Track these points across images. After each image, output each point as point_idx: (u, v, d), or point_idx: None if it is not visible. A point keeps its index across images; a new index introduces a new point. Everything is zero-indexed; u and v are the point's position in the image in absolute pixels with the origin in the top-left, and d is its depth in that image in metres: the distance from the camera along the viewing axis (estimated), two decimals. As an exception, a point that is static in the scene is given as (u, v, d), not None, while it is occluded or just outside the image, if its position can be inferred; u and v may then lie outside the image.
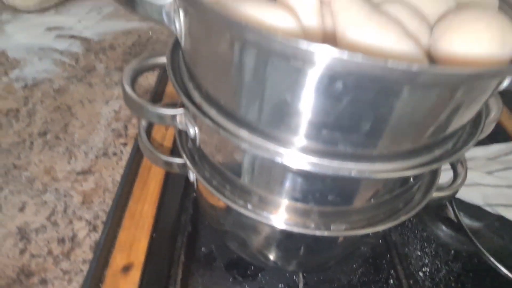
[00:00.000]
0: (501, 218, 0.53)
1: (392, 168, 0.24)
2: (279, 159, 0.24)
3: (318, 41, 0.23)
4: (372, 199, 0.30)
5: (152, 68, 0.37)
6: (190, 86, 0.28)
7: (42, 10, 0.85)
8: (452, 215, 0.56)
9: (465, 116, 0.24)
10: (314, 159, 0.23)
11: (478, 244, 0.49)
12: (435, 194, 0.35)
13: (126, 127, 0.59)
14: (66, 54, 0.74)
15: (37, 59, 0.71)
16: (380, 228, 0.31)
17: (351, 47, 0.21)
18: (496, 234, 0.52)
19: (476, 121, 0.29)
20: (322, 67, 0.18)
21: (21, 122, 0.58)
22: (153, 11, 0.26)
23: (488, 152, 0.60)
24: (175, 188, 0.55)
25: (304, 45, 0.16)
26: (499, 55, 0.22)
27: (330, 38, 0.24)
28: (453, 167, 0.41)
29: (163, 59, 0.36)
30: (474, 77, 0.18)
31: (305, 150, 0.24)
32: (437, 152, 0.26)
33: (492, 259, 0.47)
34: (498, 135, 0.66)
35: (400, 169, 0.24)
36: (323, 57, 0.16)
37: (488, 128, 0.34)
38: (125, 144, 0.57)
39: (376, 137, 0.22)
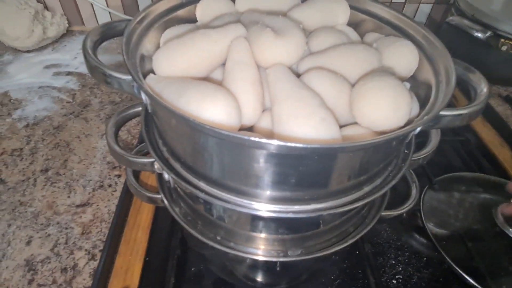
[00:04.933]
0: (464, 227, 0.57)
1: (322, 208, 0.29)
2: (239, 208, 0.29)
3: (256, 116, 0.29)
4: (321, 226, 0.35)
5: (132, 118, 0.43)
6: (160, 142, 0.33)
7: (40, 48, 0.91)
8: (422, 224, 0.61)
9: (382, 162, 0.29)
10: (272, 206, 0.29)
11: (442, 252, 0.53)
12: (385, 213, 0.40)
13: (119, 159, 0.65)
14: (64, 91, 0.80)
15: (37, 98, 0.77)
16: (331, 250, 0.36)
17: (277, 120, 0.26)
18: (460, 242, 0.57)
19: (404, 157, 0.34)
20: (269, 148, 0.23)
21: (24, 161, 0.64)
22: (125, 85, 0.31)
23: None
24: (166, 215, 0.60)
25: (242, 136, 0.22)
26: (394, 118, 0.27)
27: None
28: (408, 188, 0.46)
29: (138, 110, 0.42)
30: (357, 147, 0.23)
31: (265, 199, 0.29)
32: (366, 189, 0.31)
33: (454, 265, 0.51)
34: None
35: (332, 207, 0.29)
36: (255, 142, 0.22)
37: (428, 156, 0.39)
38: (119, 176, 0.62)
39: (314, 186, 0.27)
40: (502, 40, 0.80)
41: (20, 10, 0.84)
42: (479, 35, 0.81)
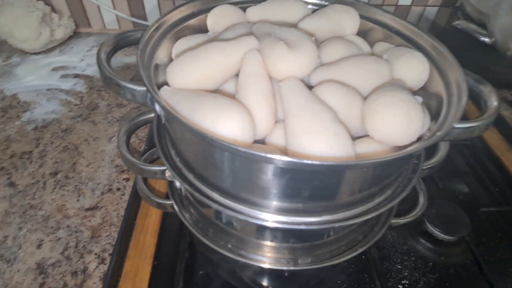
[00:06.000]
0: (471, 233, 0.58)
1: (335, 219, 0.30)
2: (251, 219, 0.29)
3: (269, 127, 0.30)
4: (331, 235, 0.36)
5: (142, 125, 0.44)
6: (173, 152, 0.34)
7: (48, 51, 0.92)
8: (429, 230, 0.61)
9: (394, 174, 0.30)
10: (285, 218, 0.29)
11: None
12: (393, 221, 0.41)
13: (127, 163, 0.66)
14: (71, 93, 0.80)
15: (45, 100, 0.78)
16: (341, 259, 0.36)
17: (290, 134, 0.27)
18: (467, 247, 0.57)
19: (415, 167, 0.34)
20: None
21: (34, 164, 0.65)
22: (139, 96, 0.32)
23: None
24: (174, 219, 0.61)
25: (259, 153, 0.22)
26: (407, 132, 0.27)
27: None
28: (416, 196, 0.46)
29: (151, 116, 0.42)
30: (365, 165, 0.24)
31: (278, 211, 0.29)
32: (377, 200, 0.31)
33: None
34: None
35: (344, 219, 0.30)
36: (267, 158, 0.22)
37: (436, 165, 0.39)
38: (127, 179, 0.63)
39: (326, 199, 0.28)
40: (509, 44, 0.80)
41: (28, 12, 0.84)
42: (485, 39, 0.81)
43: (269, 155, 0.22)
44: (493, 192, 0.69)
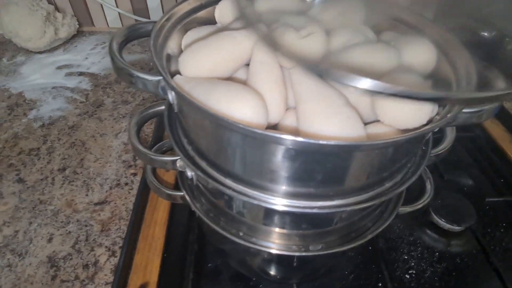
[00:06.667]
0: (477, 223, 0.58)
1: (348, 203, 0.30)
2: (264, 204, 0.30)
3: (281, 113, 0.30)
4: (341, 221, 0.36)
5: (152, 117, 0.44)
6: (185, 141, 0.34)
7: (52, 49, 0.92)
8: (435, 220, 0.62)
9: (404, 159, 0.30)
10: (297, 202, 0.30)
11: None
12: (401, 209, 0.41)
13: (135, 158, 0.66)
14: (77, 91, 0.81)
15: (51, 98, 0.79)
16: (351, 245, 0.37)
17: (303, 118, 0.27)
18: (473, 236, 0.58)
19: (423, 153, 0.35)
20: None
21: (42, 160, 0.65)
22: (150, 85, 0.32)
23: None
24: (182, 211, 0.61)
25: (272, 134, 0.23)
26: (417, 116, 0.28)
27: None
28: (422, 183, 0.47)
29: (160, 108, 0.43)
30: (374, 146, 0.24)
31: (291, 195, 0.30)
32: (388, 185, 0.32)
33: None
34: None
35: (356, 203, 0.30)
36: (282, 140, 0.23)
37: (443, 152, 0.40)
38: (135, 174, 0.64)
39: (338, 183, 0.28)
40: (507, 39, 0.81)
41: (32, 11, 0.85)
42: (485, 33, 0.81)
43: (284, 136, 0.23)
44: (497, 182, 0.69)
